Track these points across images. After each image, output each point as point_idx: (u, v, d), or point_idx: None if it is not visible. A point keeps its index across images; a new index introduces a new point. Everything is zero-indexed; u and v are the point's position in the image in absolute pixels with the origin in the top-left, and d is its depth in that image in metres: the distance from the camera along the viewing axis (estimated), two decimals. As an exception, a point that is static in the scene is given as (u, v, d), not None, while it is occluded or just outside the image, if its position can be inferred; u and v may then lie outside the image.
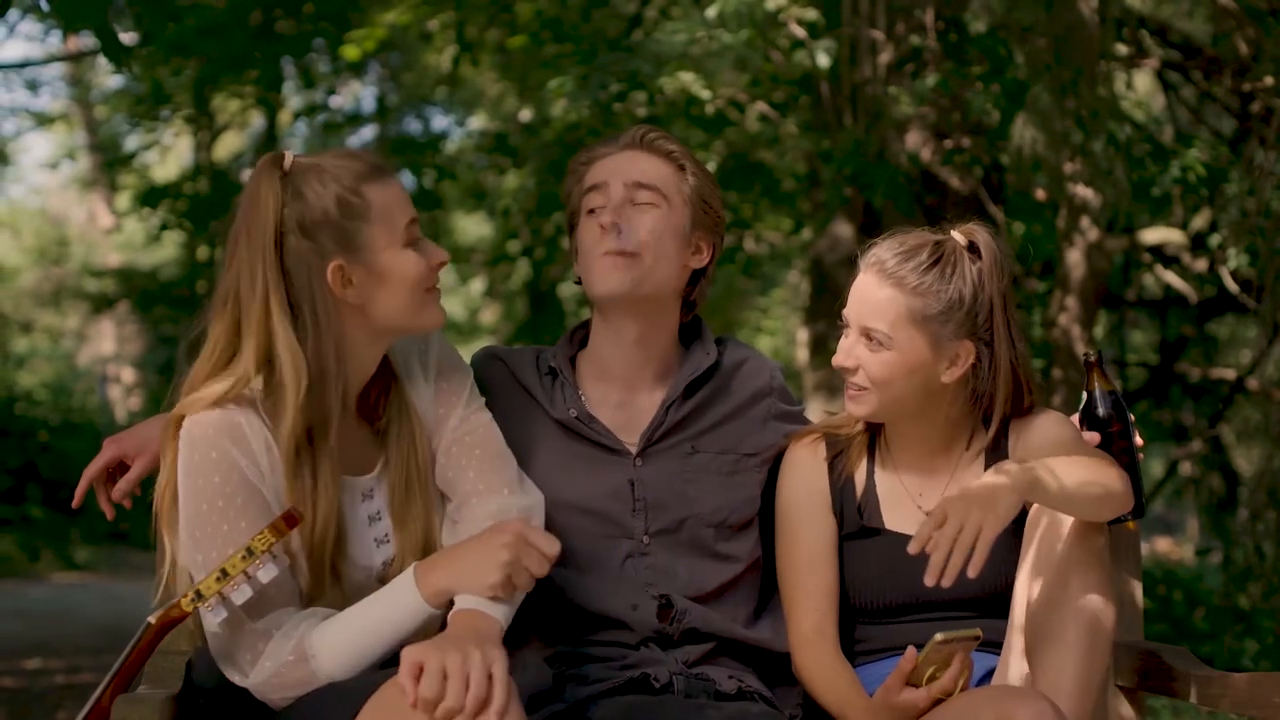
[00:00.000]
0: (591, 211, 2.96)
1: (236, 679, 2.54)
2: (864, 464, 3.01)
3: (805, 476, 3.01)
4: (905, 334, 2.83)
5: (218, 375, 2.57)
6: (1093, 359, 3.06)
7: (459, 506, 2.76)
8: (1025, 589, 2.77)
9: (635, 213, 2.93)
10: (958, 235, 2.92)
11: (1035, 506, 2.82)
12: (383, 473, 2.72)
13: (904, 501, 2.98)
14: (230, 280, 2.59)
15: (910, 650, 2.67)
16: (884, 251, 2.89)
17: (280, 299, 2.55)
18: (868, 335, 2.86)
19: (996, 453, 2.95)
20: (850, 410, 2.94)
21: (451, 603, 2.53)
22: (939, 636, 2.64)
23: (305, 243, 2.56)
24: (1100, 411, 3.02)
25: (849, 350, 2.88)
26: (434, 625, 2.55)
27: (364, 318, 2.62)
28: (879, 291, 2.85)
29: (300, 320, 2.57)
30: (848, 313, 2.90)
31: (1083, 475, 2.70)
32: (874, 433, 3.04)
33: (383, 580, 2.66)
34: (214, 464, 2.53)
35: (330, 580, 2.59)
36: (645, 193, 2.94)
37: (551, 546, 2.54)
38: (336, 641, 2.49)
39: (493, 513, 2.72)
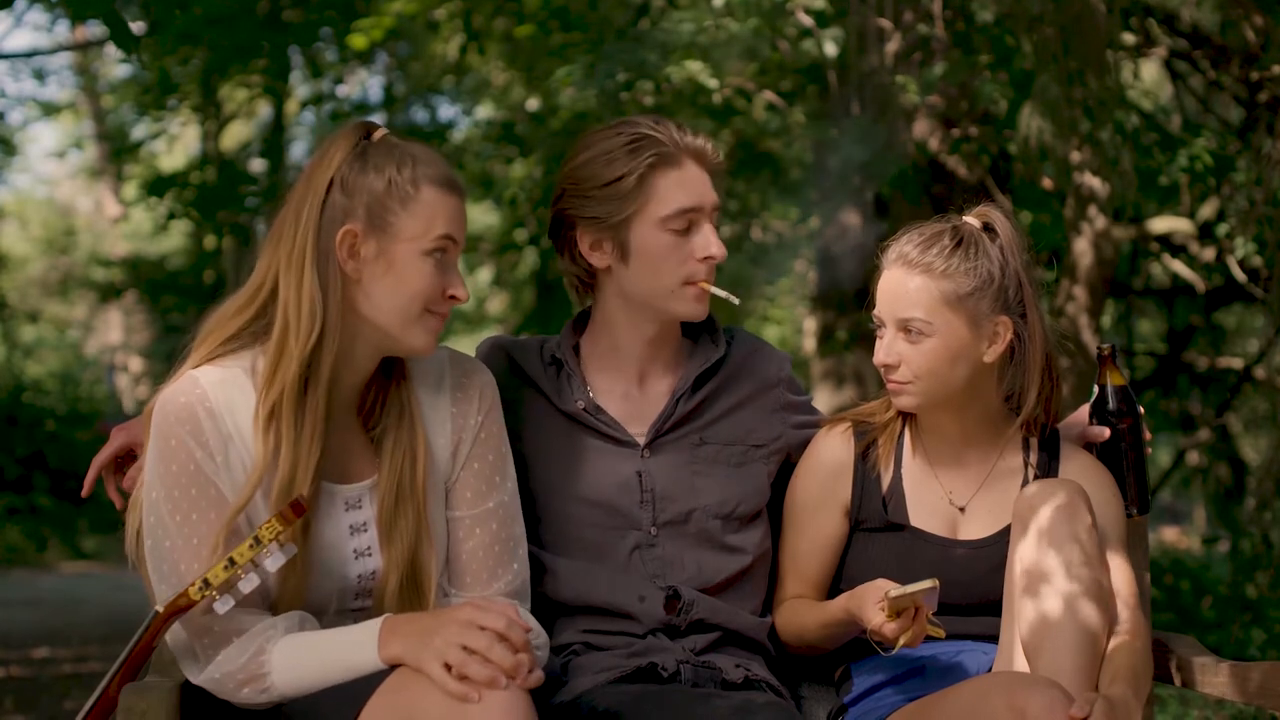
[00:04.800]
0: (684, 230, 2.90)
1: (190, 673, 2.55)
2: (893, 455, 3.00)
3: (826, 473, 3.00)
4: (943, 318, 2.83)
5: (247, 306, 2.60)
6: (1106, 352, 3.05)
7: (454, 590, 2.72)
8: (1018, 572, 2.75)
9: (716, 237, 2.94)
10: (971, 219, 2.92)
11: (1029, 489, 2.81)
12: (375, 483, 2.67)
13: (933, 496, 2.97)
14: (283, 216, 2.61)
15: (889, 585, 2.68)
16: (905, 245, 2.89)
17: (314, 244, 2.56)
18: (905, 328, 2.86)
19: (1048, 472, 2.97)
20: (896, 404, 2.94)
21: None
22: (894, 592, 2.65)
23: (342, 199, 2.56)
24: (1111, 406, 3.02)
25: (889, 347, 2.88)
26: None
27: (359, 298, 2.59)
28: (909, 282, 2.85)
29: (323, 272, 2.57)
30: (879, 311, 2.90)
31: (1145, 679, 2.75)
32: (905, 422, 3.03)
33: (360, 594, 2.65)
34: (172, 452, 2.54)
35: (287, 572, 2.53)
36: (715, 214, 2.95)
37: (517, 635, 2.40)
38: (294, 664, 2.48)
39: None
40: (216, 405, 2.56)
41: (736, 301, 3.00)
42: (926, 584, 2.64)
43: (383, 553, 2.63)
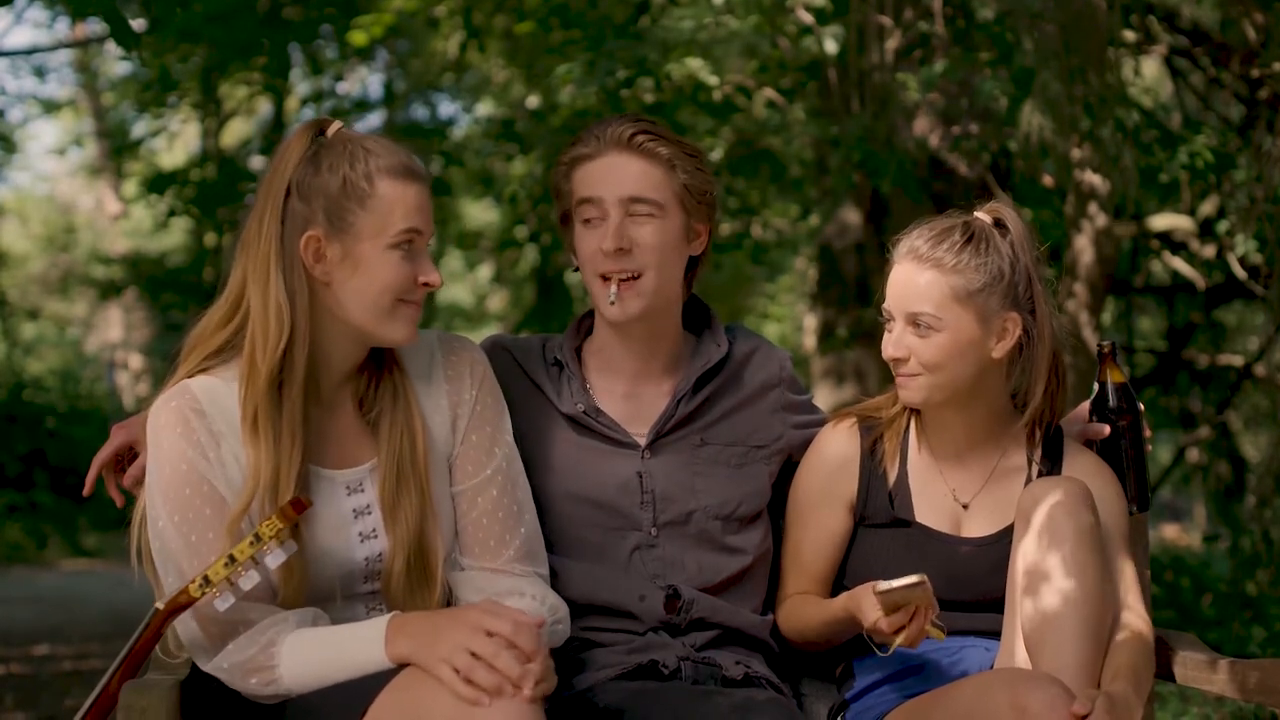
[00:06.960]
0: (587, 221, 2.90)
1: (199, 660, 2.57)
2: (898, 451, 3.00)
3: (831, 468, 3.00)
4: (953, 313, 2.83)
5: (227, 321, 2.60)
6: (1106, 350, 3.05)
7: (466, 560, 2.74)
8: (1021, 569, 2.75)
9: (633, 227, 2.87)
10: (982, 215, 2.92)
11: (1033, 486, 2.81)
12: (375, 466, 2.68)
13: (938, 493, 2.97)
14: (248, 224, 2.61)
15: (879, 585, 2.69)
16: (915, 239, 2.89)
17: (277, 251, 2.56)
18: (914, 322, 2.85)
19: (1051, 469, 2.96)
20: (903, 398, 2.93)
21: None
22: (881, 586, 2.66)
23: (300, 204, 2.56)
24: (1111, 403, 3.02)
25: (897, 340, 2.88)
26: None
27: (331, 300, 2.60)
28: (919, 276, 2.85)
29: (289, 278, 2.56)
30: (889, 304, 2.90)
31: (1146, 676, 2.75)
32: (910, 418, 3.03)
33: (368, 576, 2.65)
34: (164, 456, 2.56)
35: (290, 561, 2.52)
36: (642, 205, 2.87)
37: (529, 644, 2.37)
38: (303, 658, 2.49)
39: (495, 594, 2.66)
40: (205, 405, 2.59)
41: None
42: (913, 578, 2.64)
43: (388, 534, 2.64)
